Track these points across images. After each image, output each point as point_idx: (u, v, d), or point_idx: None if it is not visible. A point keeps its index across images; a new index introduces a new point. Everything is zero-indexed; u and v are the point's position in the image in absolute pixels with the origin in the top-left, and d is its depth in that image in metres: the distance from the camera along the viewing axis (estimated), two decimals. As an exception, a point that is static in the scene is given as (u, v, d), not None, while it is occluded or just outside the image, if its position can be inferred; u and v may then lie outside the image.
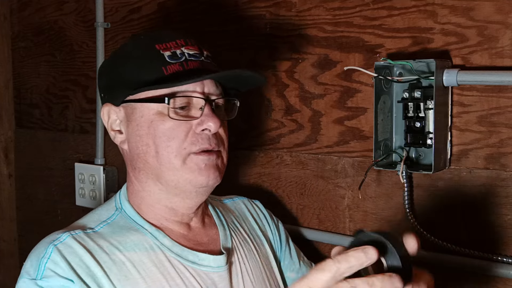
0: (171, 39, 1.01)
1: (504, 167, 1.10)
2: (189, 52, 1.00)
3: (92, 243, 0.96)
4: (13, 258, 2.07)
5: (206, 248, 1.04)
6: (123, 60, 1.03)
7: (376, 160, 1.16)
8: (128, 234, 0.99)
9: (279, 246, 1.21)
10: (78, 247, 0.94)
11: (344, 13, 1.27)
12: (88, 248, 0.95)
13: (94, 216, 1.04)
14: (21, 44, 1.96)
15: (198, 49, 1.02)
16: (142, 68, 0.99)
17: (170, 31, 1.07)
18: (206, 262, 1.01)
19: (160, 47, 1.00)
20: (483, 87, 1.11)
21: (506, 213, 1.11)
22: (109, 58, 1.10)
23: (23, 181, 2.02)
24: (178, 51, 1.00)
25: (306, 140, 1.35)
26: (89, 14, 1.74)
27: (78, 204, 1.79)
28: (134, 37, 1.08)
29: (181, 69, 0.98)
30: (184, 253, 1.00)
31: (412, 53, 1.18)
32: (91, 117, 1.78)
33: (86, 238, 0.97)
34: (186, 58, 0.99)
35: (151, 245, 0.99)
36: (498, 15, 1.08)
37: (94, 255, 0.94)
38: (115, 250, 0.96)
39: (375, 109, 1.15)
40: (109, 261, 0.95)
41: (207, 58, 1.03)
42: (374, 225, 1.26)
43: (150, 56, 0.99)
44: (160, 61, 0.98)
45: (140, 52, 1.01)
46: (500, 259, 1.10)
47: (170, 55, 0.99)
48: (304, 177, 1.36)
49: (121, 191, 1.08)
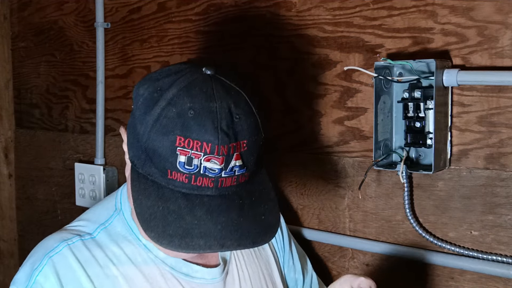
0: (199, 136, 0.84)
1: (504, 167, 1.10)
2: (207, 166, 0.85)
3: (88, 253, 0.95)
4: (13, 258, 2.07)
5: (204, 260, 1.02)
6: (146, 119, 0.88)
7: (376, 160, 1.16)
8: (123, 245, 0.98)
9: (282, 246, 1.19)
10: (73, 260, 0.93)
11: (344, 13, 1.27)
12: (82, 262, 0.93)
13: (94, 215, 1.03)
14: (21, 44, 1.96)
15: (223, 161, 0.85)
16: (153, 153, 0.87)
17: (208, 117, 0.85)
18: (200, 274, 0.99)
19: (180, 141, 0.84)
20: (483, 87, 1.11)
21: (506, 213, 1.11)
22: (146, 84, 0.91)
23: (23, 181, 2.02)
24: (196, 160, 0.84)
25: (306, 140, 1.35)
26: (89, 14, 1.75)
27: (78, 204, 1.80)
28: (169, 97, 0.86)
29: (185, 182, 0.86)
30: (178, 265, 0.98)
31: (412, 53, 1.18)
32: (91, 117, 1.78)
33: (83, 248, 0.95)
34: (198, 171, 0.85)
35: (145, 259, 0.97)
36: (498, 15, 1.08)
37: (87, 270, 0.93)
38: (110, 264, 0.95)
39: (375, 109, 1.15)
40: (103, 275, 0.94)
41: (230, 170, 0.86)
42: (374, 225, 1.26)
43: (165, 146, 0.85)
44: (171, 161, 0.85)
45: (161, 132, 0.86)
46: (500, 259, 1.10)
47: (184, 162, 0.85)
48: (304, 177, 1.36)
49: (123, 189, 1.05)
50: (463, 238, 1.16)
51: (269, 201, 0.93)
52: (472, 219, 1.14)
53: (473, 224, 1.14)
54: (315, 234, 1.34)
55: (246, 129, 0.88)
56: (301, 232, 1.36)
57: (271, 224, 0.91)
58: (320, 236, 1.34)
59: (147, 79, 0.92)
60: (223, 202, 0.87)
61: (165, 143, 0.85)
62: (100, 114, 1.73)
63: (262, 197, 0.93)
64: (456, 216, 1.16)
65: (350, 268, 1.32)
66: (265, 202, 0.92)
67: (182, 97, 0.86)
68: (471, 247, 1.15)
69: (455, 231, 1.17)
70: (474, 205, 1.14)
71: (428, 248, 1.20)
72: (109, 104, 1.73)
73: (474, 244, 1.15)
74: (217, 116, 0.85)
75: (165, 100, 0.87)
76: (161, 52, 1.59)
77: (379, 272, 1.28)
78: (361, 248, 1.29)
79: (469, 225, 1.15)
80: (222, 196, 0.88)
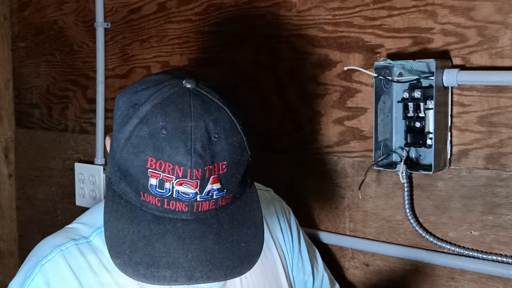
0: (171, 158, 0.79)
1: (504, 167, 1.10)
2: (179, 190, 0.80)
3: (82, 259, 0.91)
4: (13, 258, 2.07)
5: None
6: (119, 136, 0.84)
7: (376, 160, 1.16)
8: None
9: (291, 247, 1.15)
10: (66, 268, 0.90)
11: (344, 13, 1.27)
12: (74, 269, 0.90)
13: (91, 218, 0.99)
14: (21, 44, 1.96)
15: (197, 185, 0.80)
16: (125, 173, 0.84)
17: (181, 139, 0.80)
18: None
19: (151, 163, 0.80)
20: (483, 87, 1.11)
21: (506, 213, 1.11)
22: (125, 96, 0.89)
23: (23, 181, 2.02)
24: (168, 184, 0.80)
25: (306, 140, 1.35)
26: (89, 14, 1.75)
27: (78, 204, 1.80)
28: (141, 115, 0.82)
29: (158, 205, 0.81)
30: None
31: (412, 53, 1.18)
32: (91, 117, 1.78)
33: (76, 254, 0.92)
34: (171, 195, 0.80)
35: None
36: (498, 15, 1.08)
37: (79, 277, 0.90)
38: (104, 271, 0.91)
39: (375, 109, 1.15)
40: (96, 283, 0.90)
41: (207, 194, 0.81)
42: (374, 225, 1.26)
43: (137, 167, 0.81)
44: (142, 183, 0.81)
45: (132, 151, 0.82)
46: (500, 259, 1.10)
47: (155, 185, 0.80)
48: (304, 177, 1.36)
49: None
50: (463, 238, 1.16)
51: (253, 225, 0.86)
52: (472, 219, 1.14)
53: (473, 224, 1.14)
54: (315, 234, 1.34)
55: (227, 149, 0.81)
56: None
57: (251, 253, 0.84)
58: (320, 236, 1.34)
59: (127, 91, 0.88)
60: (198, 227, 0.82)
61: (136, 163, 0.81)
62: (100, 114, 1.73)
63: (245, 221, 0.86)
64: (456, 216, 1.16)
65: (350, 268, 1.32)
66: (247, 227, 0.86)
67: (155, 114, 0.81)
68: (471, 247, 1.15)
69: (455, 231, 1.17)
70: (474, 205, 1.14)
71: (428, 248, 1.20)
72: (109, 104, 1.73)
73: (474, 244, 1.15)
74: (190, 137, 0.79)
75: (138, 118, 0.82)
76: (161, 52, 1.59)
77: (379, 272, 1.28)
78: (361, 248, 1.29)
79: (469, 225, 1.15)
80: (198, 221, 0.82)
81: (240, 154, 0.83)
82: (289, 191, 1.39)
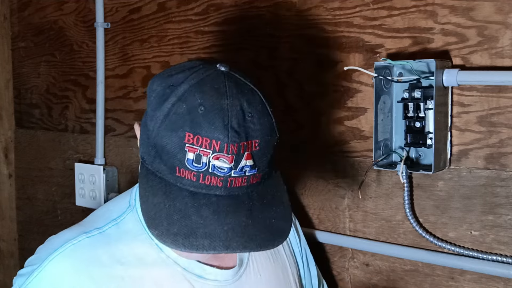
0: (208, 133, 0.82)
1: (504, 167, 1.10)
2: (216, 164, 0.83)
3: (93, 253, 0.92)
4: (13, 258, 2.07)
5: (221, 262, 0.99)
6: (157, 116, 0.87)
7: (376, 160, 1.16)
8: (133, 244, 0.94)
9: (300, 250, 1.17)
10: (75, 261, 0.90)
11: (344, 13, 1.27)
12: (85, 264, 0.90)
13: (107, 211, 1.00)
14: (21, 44, 1.96)
15: (232, 160, 0.83)
16: (161, 150, 0.86)
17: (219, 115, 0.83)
18: (213, 276, 0.97)
19: (189, 138, 0.83)
20: (483, 87, 1.11)
21: (506, 213, 1.11)
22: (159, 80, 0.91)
23: (23, 181, 2.02)
24: (205, 158, 0.83)
25: (306, 140, 1.35)
26: (89, 14, 1.75)
27: (78, 204, 1.79)
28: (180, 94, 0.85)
29: (193, 180, 0.84)
30: (191, 266, 0.95)
31: (412, 53, 1.18)
32: (91, 117, 1.78)
33: (87, 247, 0.92)
34: (207, 169, 0.83)
35: (155, 259, 0.94)
36: (498, 15, 1.08)
37: (90, 271, 0.90)
38: (117, 264, 0.92)
39: (375, 109, 1.15)
40: (106, 277, 0.91)
41: (240, 170, 0.84)
42: (374, 225, 1.26)
43: (174, 142, 0.84)
44: (179, 158, 0.84)
45: (170, 128, 0.85)
46: (500, 259, 1.10)
47: (192, 159, 0.83)
48: (304, 177, 1.36)
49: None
50: (463, 238, 1.16)
51: (281, 205, 0.91)
52: (472, 219, 1.14)
53: (473, 224, 1.14)
54: (315, 234, 1.34)
55: (259, 128, 0.86)
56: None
57: (281, 229, 0.88)
58: (320, 236, 1.34)
59: (161, 75, 0.91)
60: (231, 203, 0.85)
61: (174, 139, 0.84)
62: (100, 114, 1.73)
63: (274, 200, 0.90)
64: (456, 216, 1.16)
65: (350, 268, 1.32)
66: (276, 206, 0.90)
67: (193, 93, 0.85)
68: (471, 247, 1.15)
69: (455, 231, 1.17)
70: (474, 205, 1.14)
71: (428, 248, 1.20)
72: (109, 104, 1.73)
73: (474, 244, 1.15)
74: (227, 113, 0.83)
75: (175, 96, 0.85)
76: (161, 52, 1.59)
77: (379, 272, 1.28)
78: (361, 248, 1.29)
79: (469, 225, 1.15)
80: (231, 197, 0.85)
81: (270, 135, 0.88)
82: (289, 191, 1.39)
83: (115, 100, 1.72)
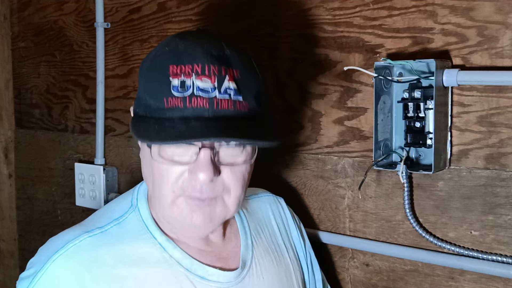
0: (190, 60, 0.88)
1: (504, 167, 1.10)
2: (199, 85, 0.87)
3: (95, 252, 0.92)
4: (13, 258, 2.07)
5: (224, 264, 1.00)
6: (144, 69, 0.95)
7: (376, 160, 1.16)
8: (136, 244, 0.95)
9: (304, 253, 1.17)
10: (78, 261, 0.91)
11: (344, 13, 1.27)
12: (87, 263, 0.91)
13: (109, 211, 1.00)
14: (21, 44, 1.96)
15: (214, 80, 0.87)
16: (150, 90, 0.91)
17: (198, 45, 0.90)
18: (216, 277, 0.96)
19: (173, 69, 0.89)
20: (483, 87, 1.11)
21: (506, 213, 1.11)
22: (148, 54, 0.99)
23: (23, 181, 2.02)
24: (188, 80, 0.87)
25: (306, 140, 1.35)
26: (89, 14, 1.75)
27: (78, 204, 1.79)
28: (163, 44, 0.94)
29: (181, 106, 0.87)
30: (193, 267, 0.96)
31: (412, 53, 1.18)
32: (91, 117, 1.78)
33: (90, 247, 0.92)
34: (192, 93, 0.87)
35: (158, 259, 0.94)
36: (498, 15, 1.08)
37: (92, 271, 0.90)
38: (119, 264, 0.92)
39: (375, 109, 1.15)
40: (109, 276, 0.91)
41: (225, 92, 0.88)
42: (374, 225, 1.26)
43: (160, 78, 0.89)
44: (165, 89, 0.88)
45: (155, 68, 0.91)
46: (500, 259, 1.10)
47: (177, 86, 0.88)
48: (304, 177, 1.36)
49: (140, 186, 1.03)
50: (463, 238, 1.16)
51: (270, 132, 0.95)
52: (472, 219, 1.14)
53: (473, 224, 1.14)
54: (315, 234, 1.34)
55: (240, 62, 0.91)
56: (301, 232, 1.36)
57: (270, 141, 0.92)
58: (320, 236, 1.34)
59: (149, 53, 0.98)
60: (219, 122, 0.87)
61: (160, 75, 0.89)
62: (100, 114, 1.73)
63: (262, 127, 0.93)
64: (456, 216, 1.16)
65: (350, 268, 1.32)
66: (265, 138, 0.92)
67: (174, 39, 0.93)
68: (471, 247, 1.15)
69: (455, 231, 1.17)
70: (474, 205, 1.14)
71: (428, 248, 1.20)
72: (109, 104, 1.73)
73: (474, 244, 1.15)
74: (206, 44, 0.90)
75: (159, 45, 0.94)
76: (161, 52, 1.59)
77: (379, 272, 1.28)
78: (361, 248, 1.29)
79: (469, 225, 1.15)
80: (218, 119, 0.87)
81: (251, 72, 0.93)
82: (289, 191, 1.39)
83: (115, 100, 1.72)
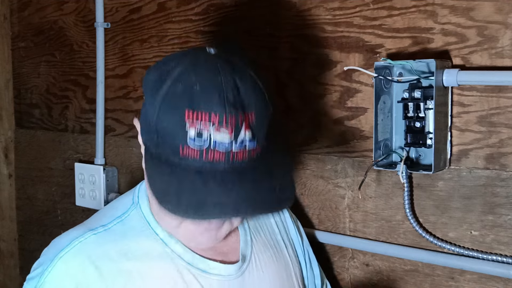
0: (206, 107, 0.85)
1: (504, 167, 1.10)
2: (217, 139, 0.85)
3: (101, 248, 0.94)
4: (13, 258, 2.07)
5: (224, 258, 1.01)
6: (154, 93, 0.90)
7: (376, 160, 1.16)
8: (139, 239, 0.97)
9: (302, 249, 1.18)
10: (85, 257, 0.93)
11: (344, 13, 1.27)
12: (93, 259, 0.93)
13: (111, 209, 1.02)
14: (21, 44, 1.96)
15: (232, 131, 0.85)
16: (162, 129, 0.88)
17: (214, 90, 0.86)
18: (217, 270, 0.98)
19: (188, 114, 0.85)
20: (483, 87, 1.11)
21: (506, 213, 1.11)
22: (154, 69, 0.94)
23: (23, 181, 2.02)
24: (206, 132, 0.85)
25: (306, 140, 1.35)
26: (89, 14, 1.75)
27: (78, 204, 1.79)
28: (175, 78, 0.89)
29: (197, 157, 0.86)
30: (195, 261, 0.98)
31: (412, 53, 1.18)
32: (91, 117, 1.78)
33: (95, 243, 0.94)
34: (209, 146, 0.85)
35: (160, 254, 0.96)
36: (498, 15, 1.08)
37: (99, 267, 0.93)
38: (124, 259, 0.94)
39: (375, 109, 1.15)
40: (116, 271, 0.93)
41: (240, 143, 0.87)
42: (374, 225, 1.26)
43: (175, 120, 0.87)
44: (180, 135, 0.86)
45: (169, 105, 0.88)
46: (500, 259, 1.10)
47: (193, 137, 0.85)
48: (304, 177, 1.36)
49: (141, 185, 1.04)
50: (463, 238, 1.16)
51: (285, 175, 0.94)
52: (472, 219, 1.14)
53: (473, 224, 1.14)
54: (315, 234, 1.34)
55: (253, 101, 0.89)
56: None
57: (286, 195, 0.92)
58: (320, 236, 1.34)
59: (154, 66, 0.94)
60: (235, 176, 0.87)
61: (174, 119, 0.86)
62: (100, 114, 1.73)
63: (276, 172, 0.93)
64: (456, 216, 1.16)
65: (350, 268, 1.32)
66: (280, 176, 0.93)
67: (187, 73, 0.88)
68: (471, 247, 1.15)
69: (455, 231, 1.17)
70: (474, 205, 1.14)
71: (428, 248, 1.20)
72: (109, 104, 1.73)
73: (474, 244, 1.15)
74: (222, 88, 0.86)
75: (171, 79, 0.89)
76: (161, 52, 1.59)
77: (379, 272, 1.28)
78: (361, 248, 1.29)
79: (469, 225, 1.15)
80: (234, 171, 0.87)
81: (265, 107, 0.91)
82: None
83: (115, 100, 1.72)
